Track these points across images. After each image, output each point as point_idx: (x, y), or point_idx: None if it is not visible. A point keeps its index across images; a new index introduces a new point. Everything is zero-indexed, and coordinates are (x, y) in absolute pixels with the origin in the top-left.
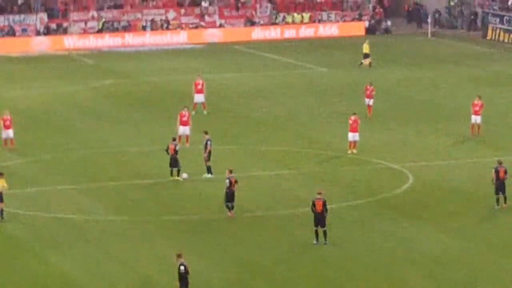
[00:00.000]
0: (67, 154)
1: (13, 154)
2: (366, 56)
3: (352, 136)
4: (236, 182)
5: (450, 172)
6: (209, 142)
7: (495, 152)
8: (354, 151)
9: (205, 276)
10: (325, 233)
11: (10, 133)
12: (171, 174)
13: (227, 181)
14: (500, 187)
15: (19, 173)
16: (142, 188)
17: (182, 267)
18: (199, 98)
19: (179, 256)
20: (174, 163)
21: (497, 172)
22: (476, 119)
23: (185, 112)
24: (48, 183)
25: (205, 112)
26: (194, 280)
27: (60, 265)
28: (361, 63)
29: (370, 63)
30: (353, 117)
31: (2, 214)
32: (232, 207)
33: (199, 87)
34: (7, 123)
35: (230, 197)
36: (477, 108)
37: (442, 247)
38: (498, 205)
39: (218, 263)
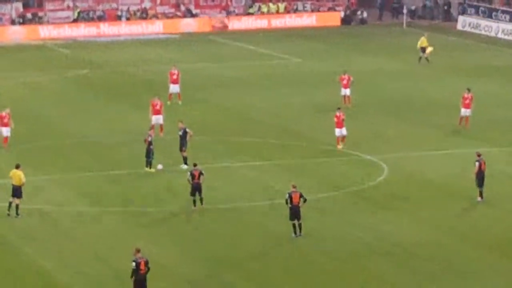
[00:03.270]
0: (40, 144)
1: None
2: (423, 50)
3: (339, 132)
4: (201, 174)
5: (426, 164)
6: (188, 131)
7: (471, 143)
8: (343, 145)
9: (177, 269)
10: (300, 225)
11: (7, 131)
12: (146, 165)
13: (188, 174)
14: (482, 179)
15: None
16: (115, 178)
17: (133, 263)
18: (174, 88)
19: (137, 251)
20: (147, 153)
21: (480, 164)
22: (466, 112)
23: (157, 101)
24: None
25: (180, 102)
26: (165, 274)
27: (32, 255)
28: (426, 58)
29: (420, 58)
30: (338, 113)
31: (16, 211)
32: (201, 200)
33: (174, 77)
34: (5, 120)
35: (194, 190)
36: (467, 101)
37: (417, 239)
38: (482, 198)
39: (190, 256)
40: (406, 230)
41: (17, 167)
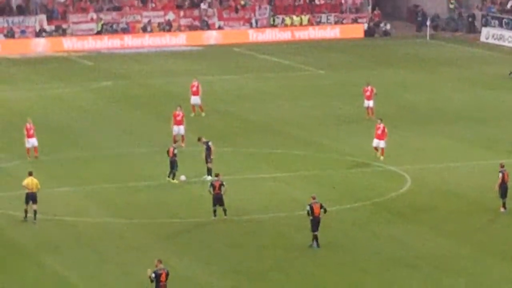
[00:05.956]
0: (64, 156)
1: (10, 155)
2: None
3: (377, 143)
4: (222, 185)
5: (449, 175)
6: (210, 144)
7: (493, 155)
8: (382, 157)
9: (201, 281)
10: (316, 236)
11: (35, 142)
12: (168, 176)
13: (209, 184)
14: (506, 190)
15: (15, 175)
16: (138, 190)
17: (153, 275)
18: (195, 100)
19: (159, 261)
20: (171, 165)
21: (503, 175)
22: None
23: (179, 112)
24: (45, 185)
25: (203, 114)
26: (189, 285)
27: (56, 267)
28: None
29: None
30: (380, 125)
31: (35, 216)
32: (224, 211)
33: (194, 89)
34: (31, 132)
35: (216, 201)
36: None
37: (441, 251)
38: (505, 209)
39: (214, 267)
40: (430, 242)
41: (30, 174)
